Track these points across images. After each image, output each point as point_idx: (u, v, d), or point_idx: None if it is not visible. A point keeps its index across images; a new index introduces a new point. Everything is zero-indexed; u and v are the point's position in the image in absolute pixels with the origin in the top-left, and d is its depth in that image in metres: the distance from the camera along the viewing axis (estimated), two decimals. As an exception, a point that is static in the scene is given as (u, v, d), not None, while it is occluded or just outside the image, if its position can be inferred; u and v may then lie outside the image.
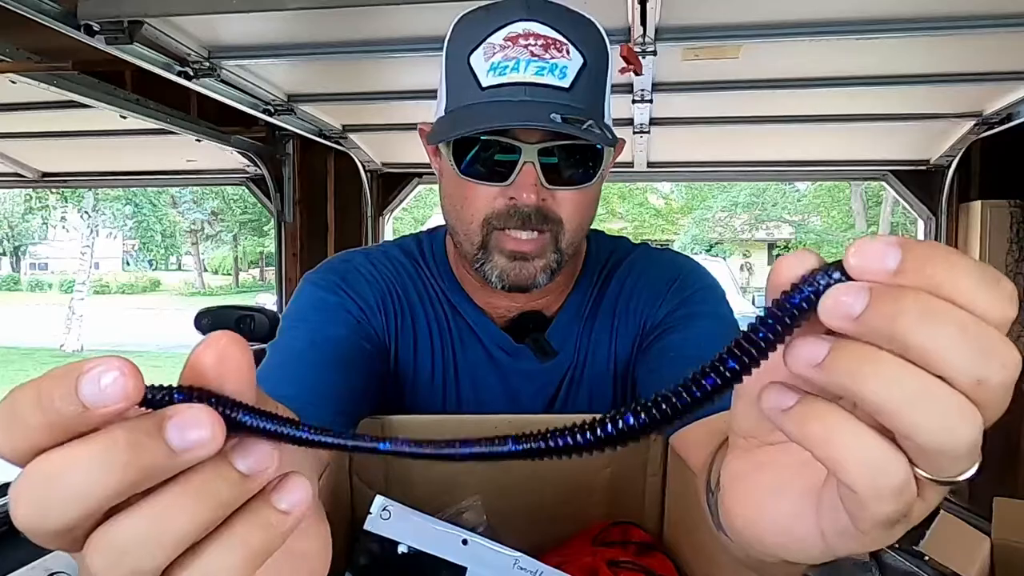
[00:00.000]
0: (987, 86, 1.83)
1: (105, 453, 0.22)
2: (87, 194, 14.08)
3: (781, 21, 1.45)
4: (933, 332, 0.23)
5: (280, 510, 0.26)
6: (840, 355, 0.24)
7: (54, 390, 0.22)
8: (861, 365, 0.24)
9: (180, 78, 1.61)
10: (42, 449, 0.22)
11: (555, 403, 0.86)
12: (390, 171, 2.96)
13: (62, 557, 1.14)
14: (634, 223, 18.72)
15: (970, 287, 0.23)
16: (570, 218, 0.76)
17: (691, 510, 0.42)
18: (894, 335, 0.23)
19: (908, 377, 0.23)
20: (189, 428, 0.23)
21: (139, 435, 0.23)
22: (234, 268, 25.05)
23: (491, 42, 0.72)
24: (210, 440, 0.23)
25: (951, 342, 0.23)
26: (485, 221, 0.76)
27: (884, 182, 2.77)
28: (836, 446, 0.25)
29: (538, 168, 0.72)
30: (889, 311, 0.23)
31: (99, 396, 0.22)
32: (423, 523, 0.57)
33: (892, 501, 0.25)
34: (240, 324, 2.24)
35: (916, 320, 0.23)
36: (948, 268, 0.24)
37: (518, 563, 0.55)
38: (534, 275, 0.76)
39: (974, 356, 0.23)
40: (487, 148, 0.73)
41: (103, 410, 0.22)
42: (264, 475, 0.25)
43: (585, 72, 0.73)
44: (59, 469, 0.22)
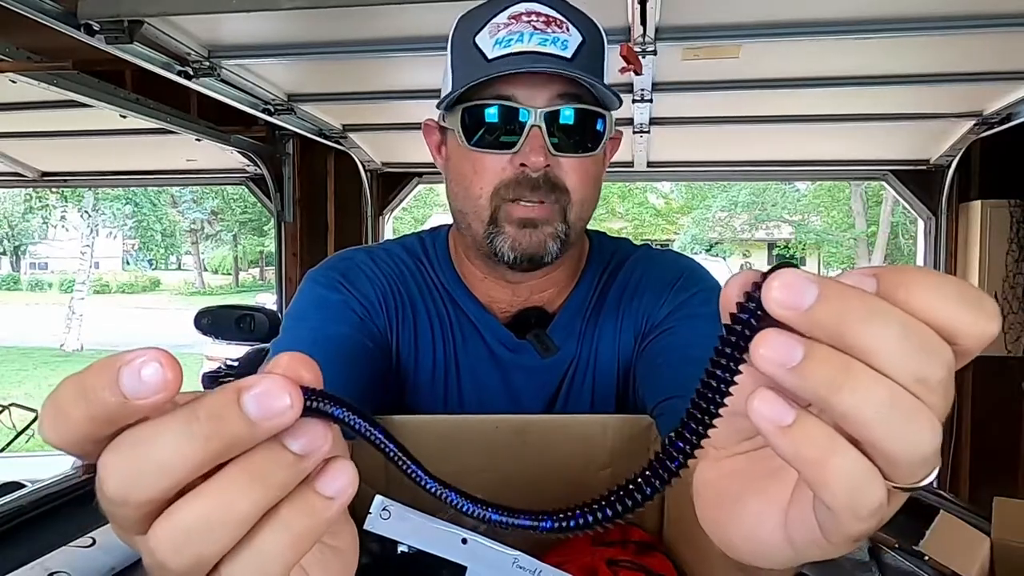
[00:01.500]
0: (987, 86, 1.83)
1: (187, 425, 0.23)
2: (87, 194, 14.07)
3: (781, 21, 1.45)
4: (876, 330, 0.23)
5: (325, 496, 0.26)
6: (815, 363, 0.24)
7: (96, 382, 0.23)
8: (835, 374, 0.24)
9: (180, 78, 1.62)
10: (90, 439, 0.23)
11: (556, 400, 0.86)
12: (390, 171, 2.96)
13: (62, 557, 1.14)
14: (634, 223, 18.71)
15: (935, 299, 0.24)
16: (576, 188, 0.78)
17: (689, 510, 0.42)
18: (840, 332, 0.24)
19: (880, 388, 0.23)
20: (265, 397, 0.24)
21: (218, 407, 0.23)
22: (234, 268, 25.05)
23: (495, 22, 0.76)
24: (288, 408, 0.24)
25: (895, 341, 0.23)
26: (494, 193, 0.77)
27: (884, 182, 2.77)
28: (827, 469, 0.25)
29: (544, 132, 0.74)
30: (836, 306, 0.24)
31: (140, 387, 0.22)
32: (423, 522, 0.57)
33: (868, 519, 0.25)
34: (240, 324, 2.23)
35: (861, 318, 0.23)
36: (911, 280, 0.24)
37: (517, 562, 0.55)
38: (543, 242, 0.77)
39: (916, 355, 0.24)
40: (495, 116, 0.75)
41: (143, 401, 0.23)
42: (318, 454, 0.25)
43: (584, 48, 0.76)
44: (147, 444, 0.23)
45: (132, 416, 0.23)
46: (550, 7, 0.76)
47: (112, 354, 0.24)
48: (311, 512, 0.26)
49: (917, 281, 0.24)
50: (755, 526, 0.31)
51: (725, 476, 0.33)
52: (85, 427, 0.23)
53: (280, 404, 0.24)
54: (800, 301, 0.24)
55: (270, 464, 0.24)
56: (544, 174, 0.75)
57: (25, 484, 1.58)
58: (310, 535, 0.26)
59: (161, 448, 0.23)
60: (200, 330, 2.27)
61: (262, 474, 0.24)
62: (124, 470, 0.23)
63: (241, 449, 0.24)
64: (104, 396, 0.23)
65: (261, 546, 0.25)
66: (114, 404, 0.23)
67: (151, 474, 0.23)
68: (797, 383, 0.24)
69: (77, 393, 0.23)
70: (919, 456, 0.24)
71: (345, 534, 0.34)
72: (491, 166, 0.77)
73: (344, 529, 0.34)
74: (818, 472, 0.25)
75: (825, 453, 0.25)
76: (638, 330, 0.85)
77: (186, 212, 20.35)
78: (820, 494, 0.25)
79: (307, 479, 0.26)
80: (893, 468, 0.25)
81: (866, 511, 0.25)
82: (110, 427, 0.23)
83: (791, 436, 0.25)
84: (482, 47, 0.75)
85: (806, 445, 0.25)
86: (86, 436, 0.23)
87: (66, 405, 0.23)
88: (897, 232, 16.12)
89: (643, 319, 0.85)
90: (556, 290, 0.87)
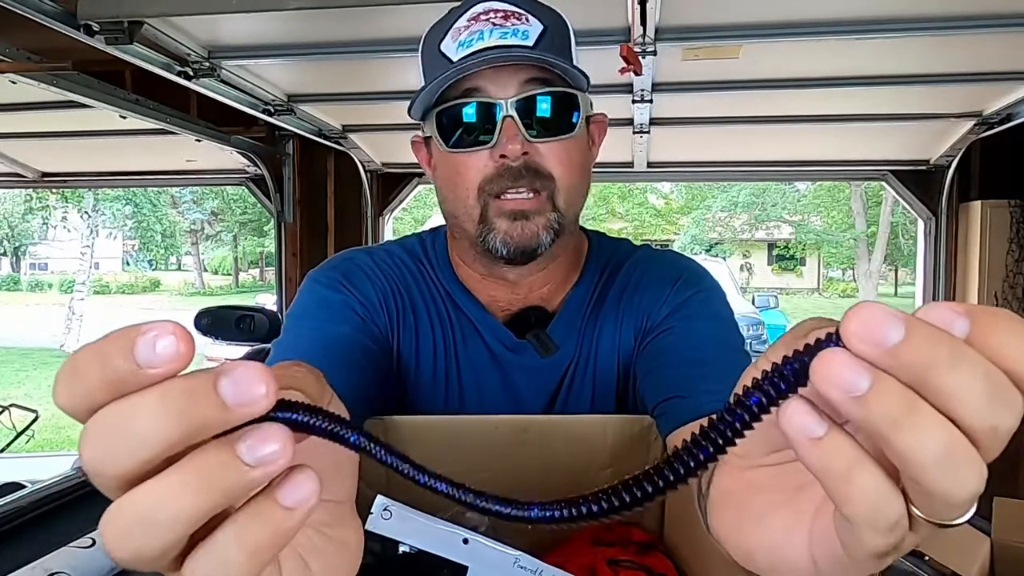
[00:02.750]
0: (987, 86, 1.83)
1: (161, 402, 0.23)
2: (87, 194, 14.07)
3: (781, 21, 1.45)
4: (962, 377, 0.23)
5: (285, 506, 0.26)
6: (881, 395, 0.23)
7: (113, 349, 0.24)
8: (900, 412, 0.23)
9: (180, 78, 1.61)
10: (98, 404, 0.24)
11: (556, 399, 0.86)
12: (390, 171, 2.96)
13: (62, 557, 1.14)
14: (634, 223, 18.73)
15: (1014, 345, 0.24)
16: (560, 174, 0.78)
17: (690, 510, 0.42)
18: (922, 374, 0.23)
19: (940, 434, 0.23)
20: (242, 384, 0.24)
21: (195, 386, 0.24)
22: (234, 268, 25.05)
23: (457, 26, 0.77)
24: (262, 397, 0.24)
25: (978, 389, 0.23)
26: (480, 190, 0.77)
27: (884, 182, 2.77)
28: (851, 483, 0.25)
29: (518, 121, 0.75)
30: (924, 348, 0.23)
31: (153, 356, 0.23)
32: (424, 523, 0.57)
33: (887, 535, 0.25)
34: (240, 324, 2.23)
35: (947, 363, 0.23)
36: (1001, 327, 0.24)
37: (518, 562, 0.55)
38: (536, 233, 0.77)
39: (994, 404, 0.23)
40: (469, 115, 0.76)
41: (155, 370, 0.23)
42: (272, 467, 0.25)
43: (547, 35, 0.76)
44: (122, 415, 0.24)
45: (143, 385, 0.24)
46: (508, 3, 0.77)
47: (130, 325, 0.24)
48: (269, 521, 0.25)
49: (1010, 330, 0.24)
50: (781, 543, 0.31)
51: (747, 488, 0.33)
52: (96, 391, 0.24)
53: (256, 392, 0.24)
54: (883, 337, 0.23)
55: (218, 467, 0.24)
56: (524, 162, 0.76)
57: (25, 485, 1.58)
58: (270, 544, 0.25)
59: (134, 421, 0.23)
60: (200, 330, 2.26)
61: (208, 476, 0.24)
62: (100, 439, 0.24)
63: (212, 432, 0.24)
64: (119, 362, 0.23)
65: (219, 551, 0.25)
66: (127, 371, 0.23)
67: (122, 447, 0.23)
68: (858, 413, 0.24)
69: (94, 357, 0.24)
70: (960, 501, 0.24)
71: (350, 527, 0.34)
72: (473, 164, 0.77)
73: (349, 522, 0.34)
74: (842, 486, 0.25)
75: (851, 469, 0.25)
76: (638, 330, 0.85)
77: (186, 213, 20.36)
78: (842, 507, 0.26)
79: (270, 485, 0.26)
80: (930, 505, 0.25)
81: (884, 526, 0.25)
82: (119, 393, 0.24)
83: (820, 449, 0.25)
84: (447, 52, 0.76)
85: (834, 459, 0.25)
86: (96, 400, 0.24)
87: (82, 367, 0.24)
88: (897, 232, 16.13)
89: (643, 318, 0.85)
90: (556, 289, 0.87)
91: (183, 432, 0.24)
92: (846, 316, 0.24)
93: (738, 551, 0.33)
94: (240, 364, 0.24)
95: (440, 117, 0.78)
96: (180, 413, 0.23)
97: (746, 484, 0.33)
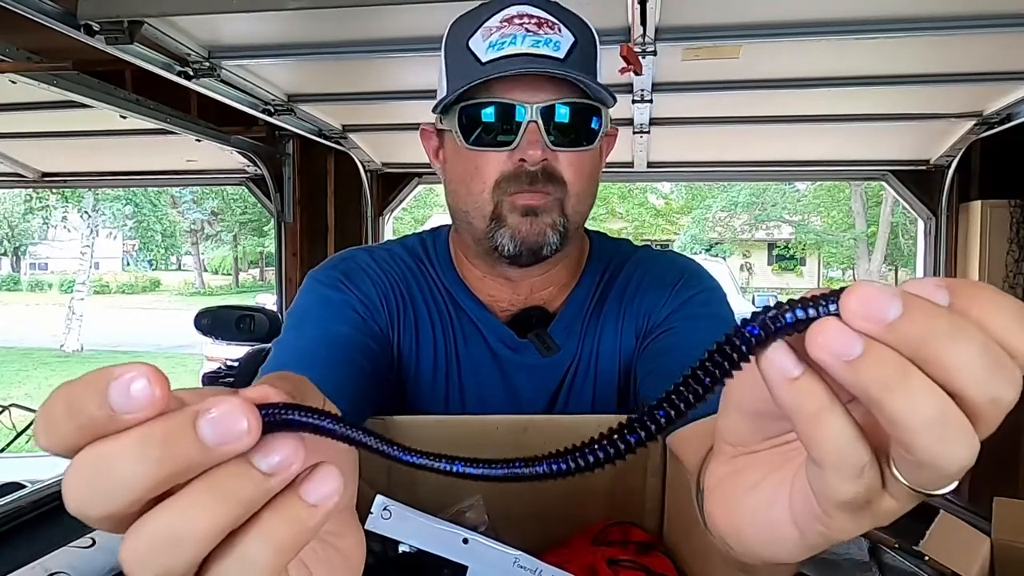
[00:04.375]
0: (987, 86, 1.83)
1: (141, 447, 0.23)
2: (87, 194, 14.07)
3: (781, 21, 1.45)
4: (960, 349, 0.23)
5: (309, 503, 0.26)
6: (874, 361, 0.24)
7: (85, 396, 0.23)
8: (892, 377, 0.23)
9: (180, 78, 1.61)
10: (78, 448, 0.23)
11: (557, 399, 0.86)
12: (390, 171, 2.96)
13: (62, 557, 1.14)
14: (634, 223, 18.73)
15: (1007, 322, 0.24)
16: (573, 182, 0.79)
17: (690, 510, 0.42)
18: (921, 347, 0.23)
19: (932, 400, 0.23)
20: (222, 423, 0.24)
21: (172, 431, 0.23)
22: (234, 268, 25.05)
23: (488, 26, 0.77)
24: (244, 433, 0.24)
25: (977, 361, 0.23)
26: (495, 187, 0.78)
27: (884, 182, 2.77)
28: (820, 425, 0.26)
29: (541, 127, 0.75)
30: (923, 322, 0.23)
31: (127, 403, 0.23)
32: (424, 522, 0.57)
33: (852, 481, 0.26)
34: (240, 324, 2.23)
35: (947, 335, 0.23)
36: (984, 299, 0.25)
37: (518, 561, 0.55)
38: (544, 231, 0.78)
39: (994, 375, 0.23)
40: (492, 115, 0.77)
41: (130, 416, 0.23)
42: (288, 472, 0.25)
43: (577, 48, 0.77)
44: (100, 459, 0.23)
45: (120, 429, 0.23)
46: (542, 9, 0.77)
47: (103, 367, 0.24)
48: (294, 520, 0.25)
49: (990, 300, 0.24)
50: (766, 508, 0.32)
51: (738, 471, 0.34)
52: (73, 437, 0.24)
53: (238, 428, 0.24)
54: (883, 314, 0.23)
55: (235, 480, 0.24)
56: (542, 167, 0.77)
57: (25, 484, 1.58)
58: (294, 542, 0.26)
59: (114, 468, 0.23)
60: (200, 330, 2.26)
61: (226, 491, 0.24)
62: (79, 487, 0.23)
63: (197, 471, 0.24)
64: (92, 409, 0.23)
65: (244, 553, 0.25)
66: (101, 417, 0.23)
67: (104, 491, 0.23)
68: (850, 377, 0.24)
69: (66, 405, 0.23)
70: (950, 470, 0.24)
71: (351, 536, 0.34)
72: (491, 163, 0.78)
73: (350, 531, 0.34)
74: (812, 427, 0.26)
75: (821, 410, 0.26)
76: (639, 330, 0.85)
77: (186, 212, 20.36)
78: (810, 449, 0.26)
79: (292, 483, 0.26)
80: (918, 472, 0.25)
81: (849, 471, 0.26)
82: (96, 437, 0.24)
83: (794, 388, 0.26)
84: (475, 50, 0.77)
85: (806, 399, 0.26)
86: (75, 444, 0.24)
87: (56, 416, 0.24)
88: (897, 232, 16.12)
89: (644, 319, 0.85)
90: (557, 289, 0.88)
91: (166, 476, 0.23)
92: (845, 295, 0.24)
93: (730, 532, 0.34)
94: (220, 400, 0.24)
95: (463, 113, 0.78)
96: (160, 459, 0.23)
97: (735, 468, 0.35)
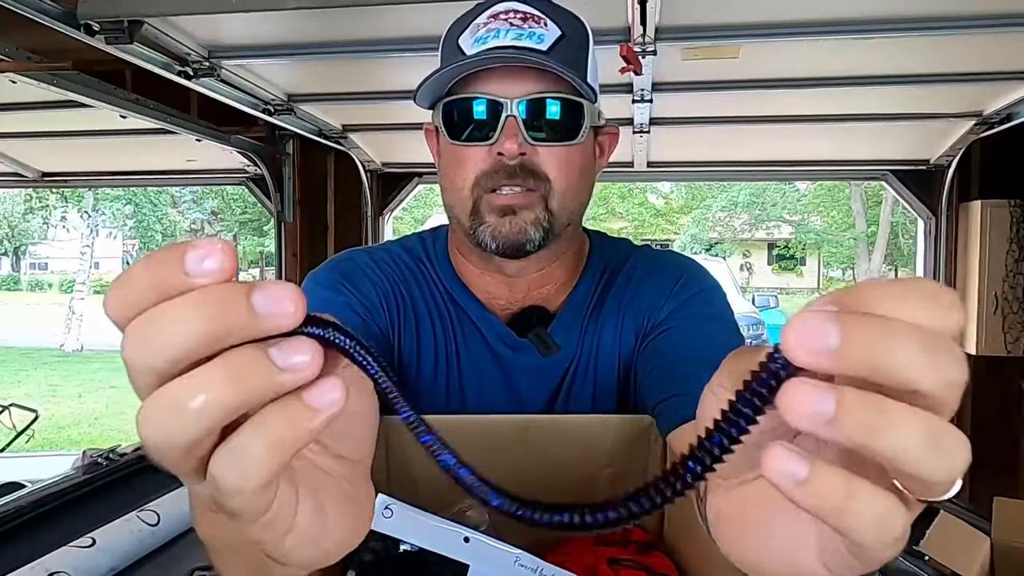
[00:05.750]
0: (987, 86, 1.83)
1: (197, 302, 0.25)
2: (87, 194, 14.05)
3: (781, 21, 1.45)
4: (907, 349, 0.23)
5: (309, 405, 0.27)
6: (850, 410, 0.23)
7: (166, 258, 0.26)
8: (873, 418, 0.23)
9: (180, 78, 1.62)
10: (144, 308, 0.26)
11: (557, 398, 0.86)
12: (390, 171, 2.97)
13: (62, 557, 1.14)
14: (634, 223, 18.72)
15: (914, 309, 0.24)
16: (557, 177, 0.78)
17: (690, 510, 0.42)
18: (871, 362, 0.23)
19: (916, 423, 0.23)
20: (274, 298, 0.26)
21: (229, 293, 0.26)
22: (234, 268, 25.00)
23: (476, 23, 0.78)
24: (290, 314, 0.26)
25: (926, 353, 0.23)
26: (475, 184, 0.78)
27: (884, 182, 2.77)
28: (850, 515, 0.25)
29: (519, 122, 0.75)
30: (862, 339, 0.23)
31: (199, 267, 0.25)
32: (425, 521, 0.57)
33: (895, 546, 0.26)
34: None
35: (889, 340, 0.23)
36: (886, 297, 0.24)
37: (519, 560, 0.55)
38: (524, 229, 0.78)
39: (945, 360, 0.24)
40: (472, 109, 0.77)
41: (200, 280, 0.25)
42: (299, 374, 0.27)
43: (563, 41, 0.77)
44: (161, 313, 0.26)
45: (186, 291, 0.26)
46: (530, 5, 0.78)
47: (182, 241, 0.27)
48: (294, 420, 0.27)
49: (886, 294, 0.24)
50: (792, 552, 0.30)
51: (745, 505, 0.33)
52: (145, 293, 0.26)
53: (285, 307, 0.26)
54: (823, 343, 0.23)
55: (250, 366, 0.26)
56: (520, 162, 0.76)
57: (25, 484, 1.58)
58: (290, 440, 0.27)
59: (171, 319, 0.25)
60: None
61: (238, 373, 0.26)
62: (139, 335, 0.26)
63: (238, 339, 0.26)
64: (169, 269, 0.26)
65: (240, 445, 0.26)
66: (175, 278, 0.26)
67: (156, 342, 0.25)
68: (837, 435, 0.23)
69: (148, 264, 0.26)
70: (955, 475, 0.25)
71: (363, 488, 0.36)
72: (471, 158, 0.78)
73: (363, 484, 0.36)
74: (841, 518, 0.25)
75: (845, 500, 0.24)
76: (639, 329, 0.85)
77: (186, 212, 20.33)
78: (848, 536, 0.25)
79: (298, 389, 0.27)
80: (928, 489, 0.25)
81: (892, 539, 0.25)
82: (164, 298, 0.26)
83: (809, 489, 0.25)
84: (463, 47, 0.78)
85: (826, 495, 0.24)
86: (145, 302, 0.26)
87: (136, 273, 0.26)
88: (897, 232, 16.12)
89: (644, 318, 0.85)
90: (556, 289, 0.88)
91: (212, 332, 0.25)
92: (782, 335, 0.24)
93: (744, 563, 0.33)
94: (276, 282, 0.26)
95: (446, 109, 0.79)
96: (212, 315, 0.25)
97: (740, 503, 0.33)
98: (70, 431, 7.30)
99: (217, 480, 0.26)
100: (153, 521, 1.29)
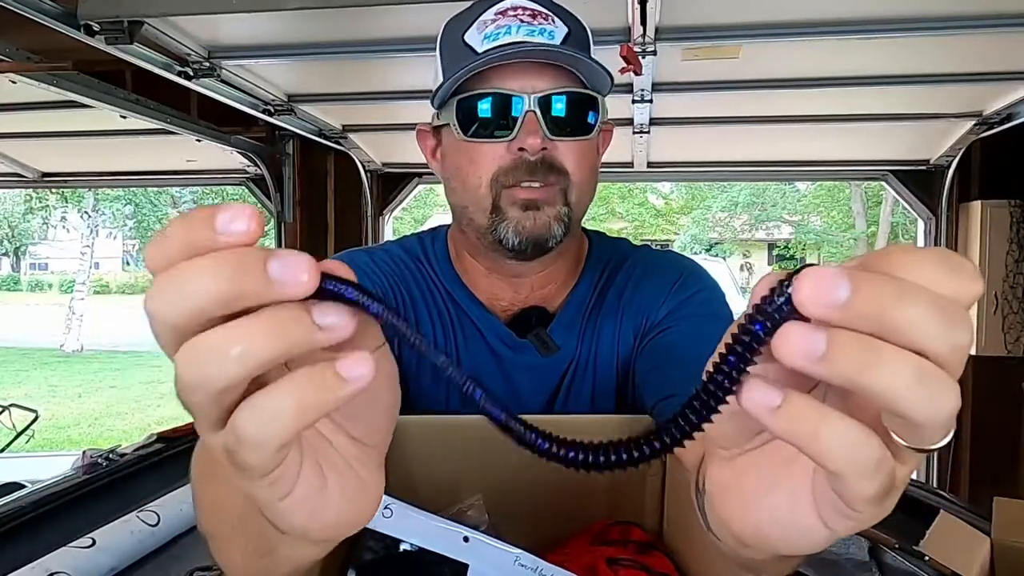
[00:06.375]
0: (987, 86, 1.83)
1: (217, 264, 0.27)
2: (87, 194, 14.05)
3: (781, 21, 1.46)
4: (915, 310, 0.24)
5: (339, 374, 0.28)
6: (841, 348, 0.25)
7: (199, 217, 0.28)
8: (863, 356, 0.24)
9: (180, 78, 1.62)
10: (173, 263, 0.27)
11: (556, 398, 0.86)
12: (390, 171, 2.97)
13: (62, 557, 1.14)
14: (634, 223, 18.71)
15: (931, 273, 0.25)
16: (575, 170, 0.79)
17: (690, 510, 0.42)
18: (879, 318, 0.24)
19: (907, 363, 0.24)
20: (288, 266, 0.27)
21: (247, 257, 0.27)
22: (234, 268, 24.99)
23: (483, 19, 0.78)
24: (302, 283, 0.27)
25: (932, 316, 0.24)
26: (494, 179, 0.78)
27: (884, 182, 2.77)
28: (822, 440, 0.26)
29: (539, 117, 0.76)
30: (872, 295, 0.24)
31: (228, 227, 0.27)
32: (425, 521, 0.57)
33: (874, 476, 0.26)
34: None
35: (896, 301, 0.24)
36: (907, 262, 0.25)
37: (519, 560, 0.55)
38: (548, 224, 0.78)
39: (951, 325, 0.24)
40: (489, 106, 0.77)
41: (227, 239, 0.27)
42: (334, 334, 0.28)
43: (571, 38, 0.78)
44: (183, 270, 0.27)
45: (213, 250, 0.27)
46: (535, 2, 0.78)
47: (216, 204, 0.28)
48: (323, 385, 0.28)
49: (905, 258, 0.25)
50: (790, 514, 0.31)
51: (741, 473, 0.34)
52: (177, 248, 0.27)
53: (298, 276, 0.27)
54: (835, 297, 0.24)
55: (289, 321, 0.27)
56: (542, 156, 0.77)
57: (25, 484, 1.58)
58: (315, 404, 0.28)
59: (188, 278, 0.27)
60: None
61: (280, 325, 0.27)
62: (158, 288, 0.27)
63: (252, 302, 0.27)
64: (200, 227, 0.27)
65: (267, 401, 0.27)
66: (204, 236, 0.27)
67: (171, 298, 0.27)
68: (826, 371, 0.25)
69: (183, 222, 0.28)
70: (942, 421, 0.25)
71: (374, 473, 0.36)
72: (489, 154, 0.78)
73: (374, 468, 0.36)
74: (814, 443, 0.26)
75: (816, 424, 0.26)
76: (638, 329, 0.85)
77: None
78: (822, 463, 0.27)
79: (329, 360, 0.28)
80: (916, 433, 0.26)
81: (869, 468, 0.26)
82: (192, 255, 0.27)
83: (783, 415, 0.26)
84: (471, 44, 0.77)
85: (797, 420, 0.26)
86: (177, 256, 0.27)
87: (172, 230, 0.28)
88: (897, 232, 16.12)
89: (643, 318, 0.85)
90: (556, 288, 0.88)
91: (226, 292, 0.26)
92: (796, 285, 0.25)
93: (745, 531, 0.34)
94: (292, 251, 0.28)
95: (460, 105, 0.78)
96: (228, 275, 0.26)
97: (739, 471, 0.34)
98: (70, 431, 7.30)
99: (239, 431, 0.27)
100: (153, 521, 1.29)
